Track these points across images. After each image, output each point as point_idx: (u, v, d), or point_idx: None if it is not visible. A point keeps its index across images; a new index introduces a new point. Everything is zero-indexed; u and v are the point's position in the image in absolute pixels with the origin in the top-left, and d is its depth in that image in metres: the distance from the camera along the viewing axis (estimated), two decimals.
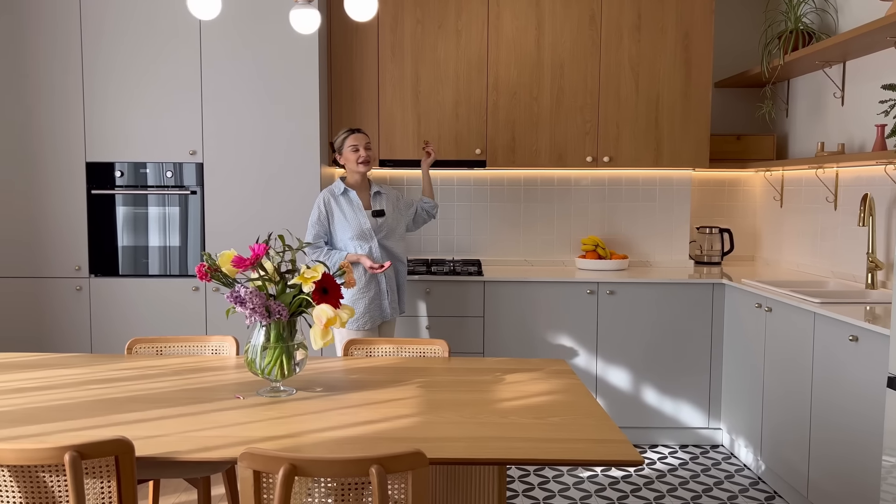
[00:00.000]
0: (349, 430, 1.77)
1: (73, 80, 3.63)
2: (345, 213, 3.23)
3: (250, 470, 1.47)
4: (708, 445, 3.85)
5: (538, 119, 3.97)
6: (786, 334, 3.14)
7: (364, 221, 3.23)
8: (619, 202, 4.30)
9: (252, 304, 1.94)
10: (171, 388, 2.11)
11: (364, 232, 3.23)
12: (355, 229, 3.22)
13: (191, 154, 3.67)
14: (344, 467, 1.45)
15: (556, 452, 1.63)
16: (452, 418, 1.86)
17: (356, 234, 3.22)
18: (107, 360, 2.42)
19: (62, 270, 3.72)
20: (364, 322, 3.24)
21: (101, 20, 3.60)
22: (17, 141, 3.66)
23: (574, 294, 3.76)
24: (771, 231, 4.32)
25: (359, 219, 3.23)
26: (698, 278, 3.76)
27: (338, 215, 3.23)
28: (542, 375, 2.30)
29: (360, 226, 3.22)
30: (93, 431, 1.73)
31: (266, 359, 2.02)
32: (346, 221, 3.22)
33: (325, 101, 3.85)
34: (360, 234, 3.22)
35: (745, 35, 4.35)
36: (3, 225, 3.69)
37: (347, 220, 3.22)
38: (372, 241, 3.25)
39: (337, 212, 3.24)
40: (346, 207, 3.24)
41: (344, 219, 3.23)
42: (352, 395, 2.07)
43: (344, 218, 3.23)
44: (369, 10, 2.10)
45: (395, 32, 3.93)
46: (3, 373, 2.26)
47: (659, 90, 3.97)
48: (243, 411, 1.90)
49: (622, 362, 3.79)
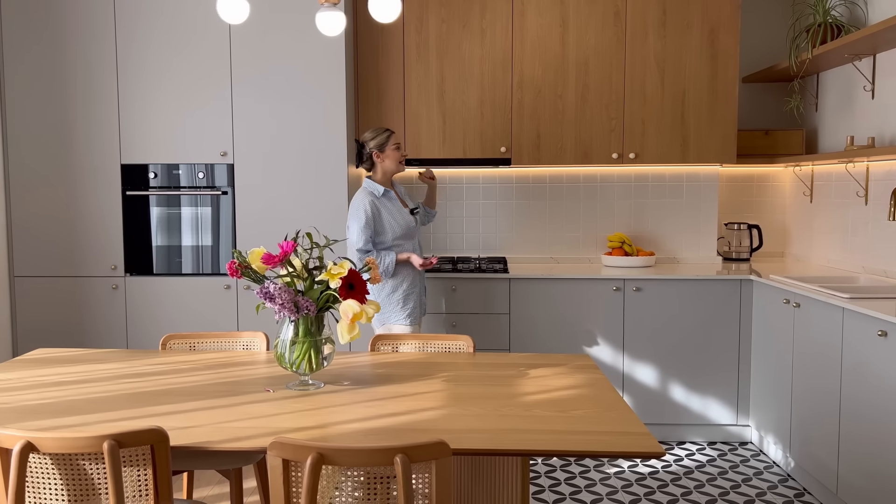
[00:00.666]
0: (375, 421, 1.81)
1: (108, 86, 3.73)
2: (392, 213, 3.25)
3: (279, 459, 1.52)
4: (737, 442, 3.83)
5: (563, 117, 3.98)
6: (814, 330, 3.12)
7: (409, 220, 3.30)
8: (645, 199, 4.30)
9: (281, 299, 2.00)
10: (204, 381, 2.18)
11: (411, 230, 3.29)
12: (403, 228, 3.26)
13: (221, 155, 3.76)
14: (370, 456, 1.49)
15: (577, 444, 1.66)
16: (476, 411, 1.90)
17: (403, 232, 3.26)
18: (143, 356, 2.50)
19: (99, 270, 3.83)
20: (416, 317, 3.31)
21: (134, 27, 3.70)
22: (55, 146, 3.77)
23: (600, 291, 3.77)
24: (801, 227, 4.27)
25: (405, 217, 3.28)
26: (726, 275, 3.74)
27: (386, 216, 3.23)
28: (565, 370, 2.32)
29: (407, 224, 3.27)
30: (130, 422, 1.80)
31: (295, 353, 2.08)
32: (395, 221, 3.24)
33: (351, 102, 3.90)
34: (406, 233, 3.27)
35: (772, 29, 4.31)
36: (43, 226, 3.81)
37: (395, 220, 3.24)
38: (415, 238, 3.34)
39: (384, 212, 3.23)
40: (392, 207, 3.27)
41: (392, 219, 3.24)
42: (378, 388, 2.11)
43: (392, 218, 3.24)
44: (393, 11, 2.14)
45: (420, 32, 3.97)
46: (45, 367, 2.34)
47: (685, 86, 3.95)
48: (273, 403, 1.96)
49: (649, 359, 3.79)
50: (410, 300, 3.28)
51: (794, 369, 3.29)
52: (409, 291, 3.27)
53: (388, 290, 3.26)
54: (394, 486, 1.54)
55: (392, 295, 3.25)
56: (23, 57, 3.74)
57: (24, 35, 3.73)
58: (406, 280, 3.27)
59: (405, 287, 3.26)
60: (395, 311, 3.26)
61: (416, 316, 3.30)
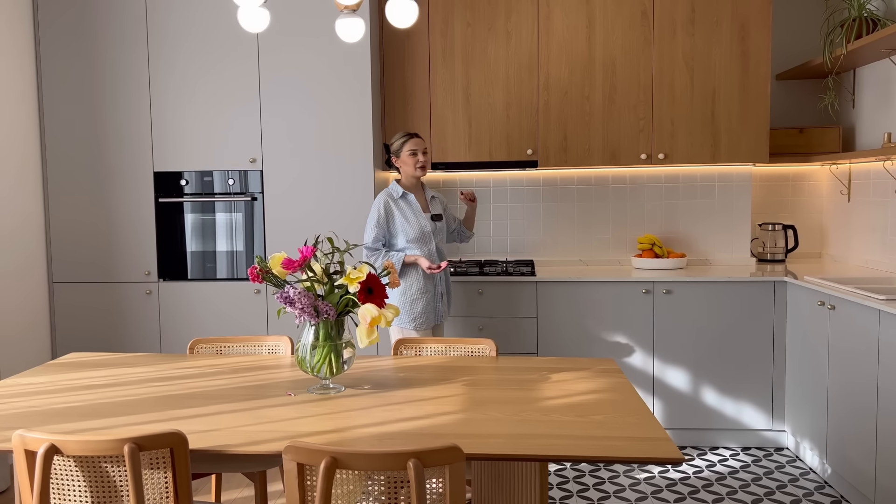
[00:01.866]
0: (393, 425, 1.82)
1: (140, 96, 3.82)
2: (405, 215, 3.28)
3: (294, 462, 1.53)
4: (772, 448, 3.74)
5: (590, 118, 3.95)
6: (850, 333, 3.03)
7: (425, 224, 3.31)
8: (676, 200, 4.23)
9: (301, 304, 2.01)
10: (228, 385, 2.21)
11: (425, 234, 3.30)
12: (416, 231, 3.27)
13: (251, 162, 3.81)
14: (382, 460, 1.49)
15: (594, 449, 1.63)
16: (495, 415, 1.89)
17: (417, 236, 3.27)
18: (170, 360, 2.54)
19: (133, 275, 3.91)
20: (422, 322, 3.29)
21: (165, 39, 3.78)
22: (90, 154, 3.87)
23: (629, 294, 3.72)
24: (838, 227, 4.16)
25: (420, 221, 3.29)
26: (759, 276, 3.66)
27: (398, 218, 3.27)
28: (588, 374, 2.29)
29: (421, 228, 3.29)
30: (152, 426, 1.83)
31: (315, 357, 2.09)
32: (408, 224, 3.27)
33: (377, 106, 3.93)
34: (420, 237, 3.28)
35: (806, 25, 4.21)
36: (79, 233, 3.91)
37: (409, 223, 3.27)
38: (430, 243, 3.33)
39: (397, 214, 3.28)
40: (407, 210, 3.30)
41: (405, 221, 3.27)
42: (398, 392, 2.12)
43: (405, 220, 3.27)
44: (410, 16, 2.14)
45: (445, 36, 3.98)
46: (75, 371, 2.40)
47: (715, 84, 3.89)
48: (293, 407, 1.98)
49: (680, 362, 3.73)
50: (419, 305, 3.27)
51: (830, 373, 3.21)
52: (417, 296, 3.27)
53: (397, 292, 3.28)
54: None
55: (401, 298, 3.27)
56: (60, 72, 3.84)
57: (61, 51, 3.83)
58: (415, 284, 3.27)
59: (413, 291, 3.27)
60: (403, 315, 3.28)
61: (423, 321, 3.29)
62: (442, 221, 3.43)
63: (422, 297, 3.28)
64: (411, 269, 3.28)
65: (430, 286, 3.31)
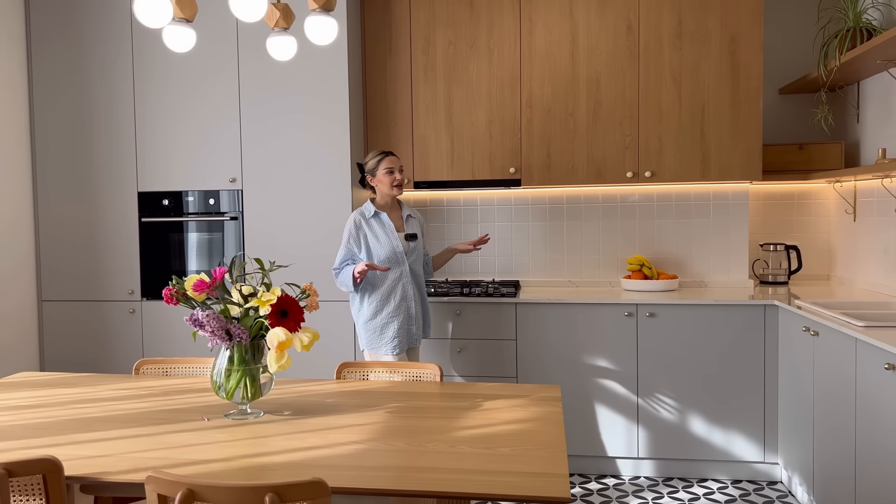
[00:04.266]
0: (286, 455, 1.75)
1: (126, 116, 3.88)
2: (377, 235, 3.18)
3: (155, 493, 1.48)
4: (764, 482, 3.53)
5: (574, 135, 3.84)
6: (830, 361, 2.84)
7: (397, 244, 3.19)
8: (669, 219, 4.07)
9: (210, 326, 1.97)
10: (147, 408, 2.18)
11: (397, 255, 3.18)
12: (388, 251, 3.16)
13: (231, 182, 3.82)
14: (240, 494, 1.43)
15: (475, 486, 1.54)
16: (399, 446, 1.80)
17: (388, 256, 3.16)
18: (111, 381, 2.53)
19: (117, 294, 3.95)
20: (394, 346, 3.17)
21: (152, 61, 3.83)
22: (76, 177, 3.94)
23: (612, 316, 3.58)
24: (845, 247, 3.94)
25: (391, 241, 3.18)
26: (749, 300, 3.48)
27: (370, 238, 3.18)
28: (524, 403, 2.19)
29: (393, 248, 3.17)
30: (38, 450, 1.80)
31: (230, 381, 2.04)
32: (379, 243, 3.16)
33: (358, 126, 3.90)
34: (391, 257, 3.17)
35: (808, 37, 4.03)
36: (65, 251, 3.97)
37: (380, 242, 3.17)
38: (403, 264, 3.20)
39: (369, 234, 3.18)
40: (378, 230, 3.19)
41: (377, 241, 3.17)
42: (314, 419, 2.05)
43: (377, 240, 3.17)
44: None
45: (427, 54, 3.93)
46: (9, 391, 2.40)
47: (704, 100, 3.74)
48: (198, 434, 1.93)
49: (666, 389, 3.56)
50: (389, 329, 3.17)
51: (815, 404, 3.01)
52: (387, 321, 3.17)
53: (365, 317, 3.20)
54: None
55: (369, 323, 3.19)
56: (50, 95, 3.94)
57: (52, 74, 3.93)
58: (385, 308, 3.18)
59: (383, 316, 3.17)
60: (375, 340, 3.19)
61: (397, 345, 3.18)
62: (417, 241, 3.28)
63: (392, 320, 3.17)
64: (379, 296, 3.18)
65: (402, 308, 3.19)
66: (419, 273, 3.31)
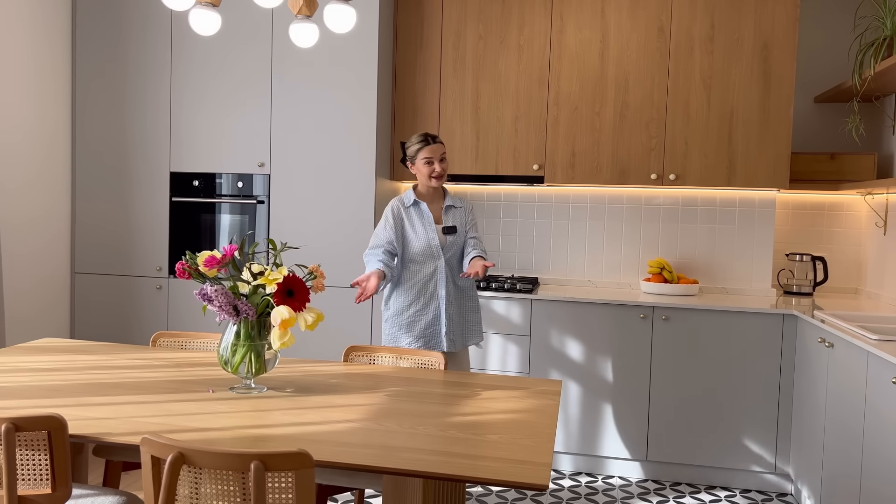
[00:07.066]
0: (281, 429, 1.81)
1: (162, 100, 3.99)
2: (414, 226, 2.99)
3: (149, 455, 1.55)
4: (774, 493, 3.49)
5: (600, 134, 3.83)
6: (842, 374, 2.80)
7: (433, 237, 2.97)
8: (693, 223, 4.04)
9: (219, 301, 2.04)
10: (159, 378, 2.26)
11: (432, 248, 2.97)
12: (423, 244, 2.97)
13: (259, 166, 3.91)
14: (226, 460, 1.49)
15: (455, 468, 1.57)
16: (390, 427, 1.85)
17: (423, 249, 2.97)
18: (126, 350, 2.63)
19: (146, 270, 4.08)
20: (410, 342, 2.97)
21: (191, 50, 3.94)
22: (113, 154, 4.08)
23: (626, 318, 3.57)
24: (875, 261, 3.86)
25: (428, 234, 2.97)
26: (766, 308, 3.44)
27: (408, 228, 2.99)
28: (522, 395, 2.22)
29: (428, 241, 2.97)
30: (47, 409, 1.89)
31: (236, 356, 2.11)
32: (415, 235, 2.98)
33: (385, 117, 3.95)
34: (426, 250, 2.97)
35: (847, 45, 3.95)
36: (98, 227, 4.11)
37: (416, 234, 2.98)
38: (439, 259, 2.98)
39: (407, 224, 2.99)
40: (416, 220, 2.99)
41: (412, 232, 2.98)
42: (315, 397, 2.10)
43: (412, 231, 2.98)
44: (348, 21, 2.14)
45: (457, 49, 3.97)
46: (35, 354, 2.52)
47: (733, 105, 3.70)
48: (202, 404, 2.00)
49: (678, 394, 3.54)
50: (414, 328, 2.97)
51: (827, 418, 2.97)
52: (413, 319, 2.97)
53: (392, 312, 3.01)
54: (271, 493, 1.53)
55: (393, 319, 3.00)
56: (92, 81, 4.07)
57: (94, 63, 4.06)
58: (414, 306, 2.97)
59: (409, 314, 2.97)
60: (396, 337, 3.01)
61: (421, 347, 2.97)
62: (455, 235, 3.01)
63: (418, 318, 2.97)
64: (409, 286, 2.98)
65: (432, 307, 2.97)
66: (456, 270, 3.06)
